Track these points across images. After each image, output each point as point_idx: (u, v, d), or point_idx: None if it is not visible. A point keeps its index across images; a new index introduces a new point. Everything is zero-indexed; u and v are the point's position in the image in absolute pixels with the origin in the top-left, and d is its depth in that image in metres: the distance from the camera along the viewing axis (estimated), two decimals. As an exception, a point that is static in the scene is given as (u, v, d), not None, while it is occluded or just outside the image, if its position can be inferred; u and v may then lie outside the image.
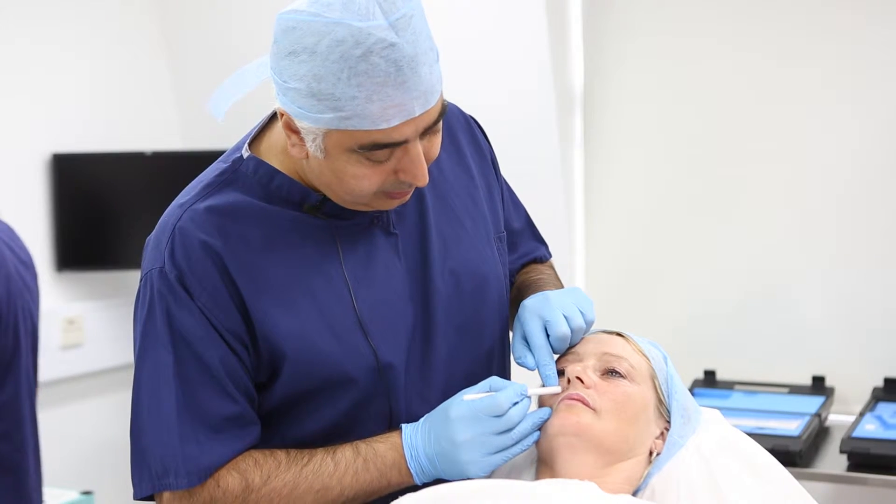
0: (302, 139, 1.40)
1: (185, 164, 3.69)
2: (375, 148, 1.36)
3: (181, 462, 1.42)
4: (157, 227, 1.50)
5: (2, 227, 2.60)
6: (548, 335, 1.52)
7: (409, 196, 1.48)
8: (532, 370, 1.53)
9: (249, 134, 1.55)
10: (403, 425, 1.48)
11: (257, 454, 1.46)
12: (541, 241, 1.82)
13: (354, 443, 1.46)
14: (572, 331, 1.53)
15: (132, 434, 1.47)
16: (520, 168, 3.11)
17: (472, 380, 1.56)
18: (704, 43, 3.18)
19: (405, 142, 1.37)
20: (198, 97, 3.85)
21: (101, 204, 3.67)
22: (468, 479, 1.43)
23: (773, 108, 3.11)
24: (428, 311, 1.55)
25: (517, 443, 1.44)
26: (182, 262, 1.44)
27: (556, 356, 1.55)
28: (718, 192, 3.21)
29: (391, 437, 1.47)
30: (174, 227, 1.46)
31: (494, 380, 1.48)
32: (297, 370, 1.46)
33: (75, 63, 3.69)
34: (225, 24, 3.72)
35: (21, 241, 2.64)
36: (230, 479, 1.44)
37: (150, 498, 1.48)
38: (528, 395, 1.46)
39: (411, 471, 1.45)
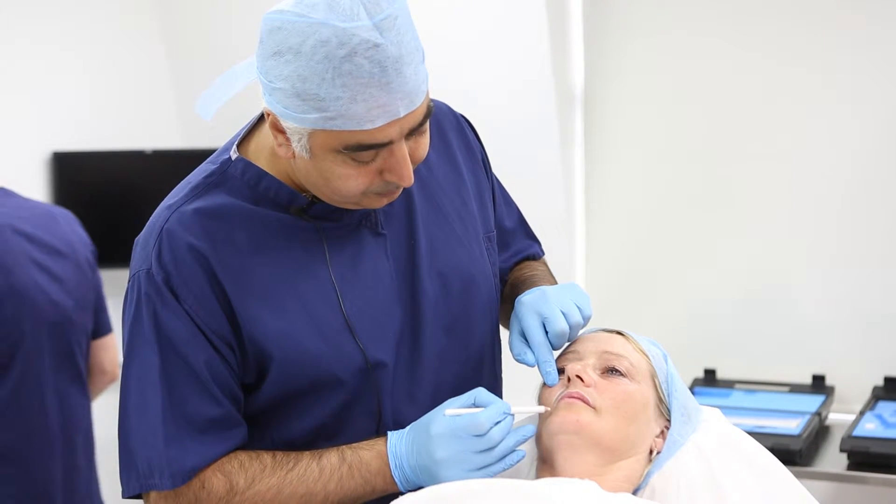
0: (288, 139, 1.39)
1: (186, 163, 3.67)
2: (360, 149, 1.36)
3: (165, 463, 1.43)
4: (145, 228, 1.50)
5: (34, 215, 2.66)
6: (546, 331, 1.52)
7: (398, 194, 1.47)
8: (531, 367, 1.53)
9: (238, 134, 1.55)
10: (389, 433, 1.47)
11: (243, 456, 1.47)
12: (533, 239, 1.82)
13: (340, 448, 1.47)
14: (570, 327, 1.52)
15: (119, 434, 1.48)
16: (520, 168, 3.12)
17: (461, 380, 1.56)
18: (704, 43, 3.18)
19: (390, 143, 1.37)
20: (197, 96, 3.83)
21: (102, 202, 3.67)
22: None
23: (774, 107, 3.11)
24: (416, 311, 1.54)
25: (499, 461, 1.43)
26: (169, 265, 1.44)
27: (554, 353, 1.55)
28: (718, 191, 3.21)
29: (377, 445, 1.46)
30: (161, 229, 1.46)
31: (480, 392, 1.46)
32: (285, 371, 1.46)
33: (75, 62, 3.69)
34: (225, 23, 3.72)
35: (61, 227, 2.70)
36: (215, 480, 1.44)
37: (140, 496, 1.48)
38: (512, 413, 1.45)
39: (396, 480, 1.45)
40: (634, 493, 1.49)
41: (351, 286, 1.50)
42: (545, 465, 1.51)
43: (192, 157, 3.77)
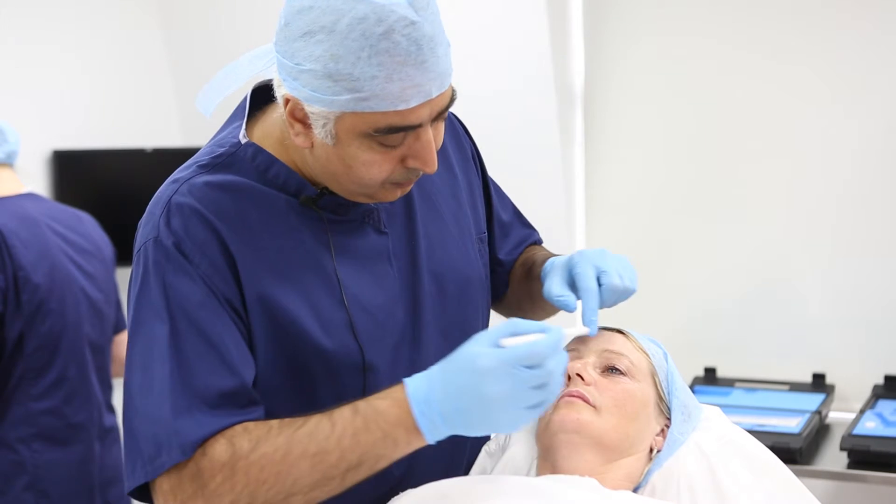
0: (307, 127, 1.36)
1: (186, 161, 3.70)
2: (391, 131, 1.33)
3: (173, 436, 1.31)
4: (148, 206, 1.45)
5: (64, 216, 2.88)
6: (599, 284, 1.48)
7: (410, 187, 1.46)
8: (570, 311, 1.48)
9: (236, 121, 1.51)
10: (406, 379, 1.31)
11: (248, 423, 1.34)
12: (530, 227, 1.81)
13: (353, 402, 1.32)
14: (622, 290, 1.50)
15: (124, 421, 1.37)
16: (520, 166, 3.12)
17: None
18: (704, 42, 3.18)
19: (419, 125, 1.34)
20: (198, 94, 3.85)
21: (102, 200, 3.67)
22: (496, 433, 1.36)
23: (773, 106, 3.11)
24: (417, 314, 1.52)
25: (551, 396, 1.28)
26: (179, 230, 1.38)
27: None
28: (718, 189, 3.21)
29: (393, 393, 1.30)
30: (169, 199, 1.41)
31: (518, 323, 1.30)
32: (283, 356, 1.42)
33: (76, 60, 3.69)
34: (225, 22, 3.72)
35: (87, 227, 2.92)
36: (217, 446, 1.31)
37: (145, 497, 1.38)
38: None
39: (421, 429, 1.28)
40: (635, 491, 1.49)
41: (354, 283, 1.47)
42: (545, 462, 1.51)
43: (193, 155, 3.77)
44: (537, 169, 3.23)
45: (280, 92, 1.37)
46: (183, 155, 4.19)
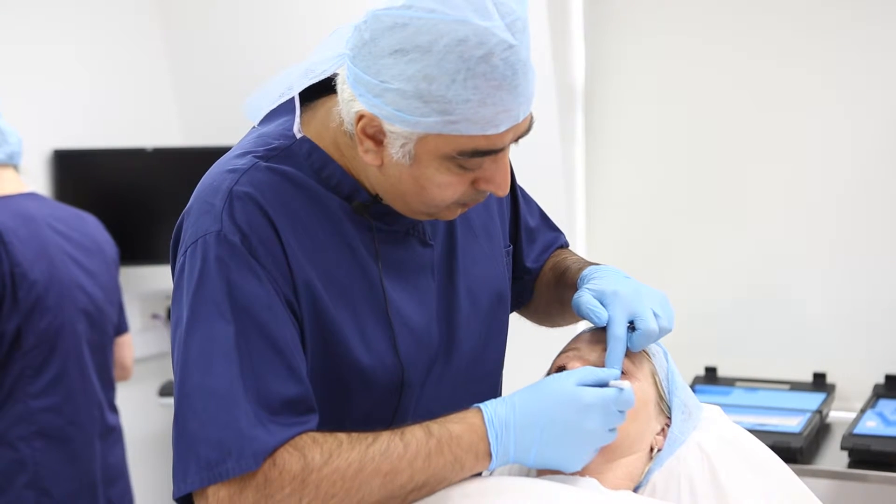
0: (379, 145, 1.32)
1: (186, 160, 3.70)
2: (475, 155, 1.30)
3: (247, 443, 1.26)
4: (199, 193, 1.39)
5: (65, 215, 2.88)
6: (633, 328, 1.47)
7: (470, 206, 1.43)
8: (599, 325, 1.47)
9: (281, 116, 1.46)
10: (482, 406, 1.35)
11: (314, 433, 1.31)
12: (557, 230, 1.79)
13: (423, 423, 1.33)
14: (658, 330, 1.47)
15: (176, 421, 1.30)
16: (520, 166, 3.11)
17: (477, 399, 1.47)
18: (705, 42, 3.18)
19: (503, 149, 1.32)
20: (198, 93, 3.85)
21: (103, 200, 3.67)
22: (560, 471, 1.38)
23: (773, 106, 3.11)
24: (451, 330, 1.50)
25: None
26: (244, 226, 1.33)
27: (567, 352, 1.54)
28: (719, 189, 3.21)
29: (467, 418, 1.33)
30: (230, 190, 1.35)
31: (594, 371, 1.39)
32: (319, 365, 1.38)
33: (76, 60, 3.70)
34: (224, 22, 3.72)
35: (90, 227, 2.92)
36: (287, 456, 1.27)
37: (186, 499, 1.31)
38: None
39: (493, 455, 1.32)
40: (635, 490, 1.49)
41: (398, 297, 1.44)
42: (546, 462, 1.51)
43: (193, 155, 3.78)
44: (537, 168, 3.22)
45: (352, 107, 1.32)
46: (183, 154, 4.21)
